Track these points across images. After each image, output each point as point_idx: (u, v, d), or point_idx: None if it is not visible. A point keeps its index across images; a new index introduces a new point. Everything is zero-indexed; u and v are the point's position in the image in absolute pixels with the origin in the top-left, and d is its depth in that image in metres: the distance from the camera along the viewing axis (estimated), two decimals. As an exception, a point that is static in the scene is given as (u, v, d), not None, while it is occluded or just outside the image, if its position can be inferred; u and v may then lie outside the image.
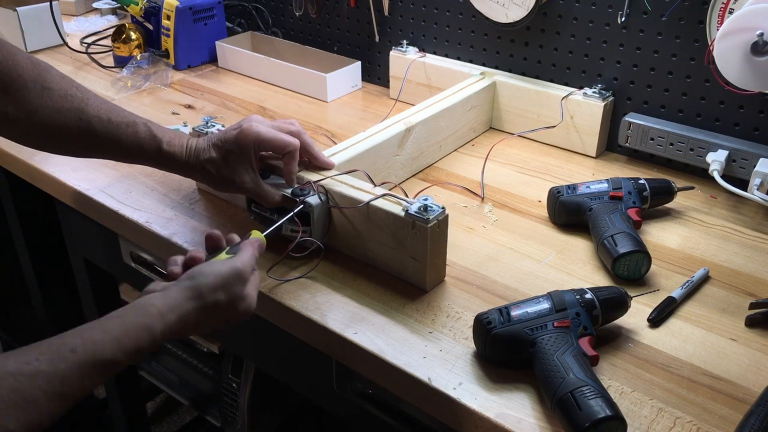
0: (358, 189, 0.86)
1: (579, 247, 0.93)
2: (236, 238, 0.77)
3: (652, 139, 1.09)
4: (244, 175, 0.86)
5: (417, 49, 1.34)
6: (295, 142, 0.87)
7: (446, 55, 1.33)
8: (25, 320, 1.86)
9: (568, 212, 0.95)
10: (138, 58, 1.45)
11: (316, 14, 1.48)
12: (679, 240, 0.94)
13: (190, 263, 0.72)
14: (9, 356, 0.56)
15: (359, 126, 1.24)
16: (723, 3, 0.97)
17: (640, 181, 0.96)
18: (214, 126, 0.99)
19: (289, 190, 0.87)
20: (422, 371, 0.72)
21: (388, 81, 1.38)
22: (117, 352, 0.61)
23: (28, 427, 0.54)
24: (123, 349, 0.61)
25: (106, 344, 0.60)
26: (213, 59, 1.55)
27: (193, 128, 1.00)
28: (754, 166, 0.98)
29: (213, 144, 0.87)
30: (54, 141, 0.87)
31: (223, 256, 0.73)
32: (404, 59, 1.32)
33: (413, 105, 1.13)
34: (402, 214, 0.81)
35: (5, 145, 1.15)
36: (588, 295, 0.74)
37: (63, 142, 0.87)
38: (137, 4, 1.49)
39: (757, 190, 0.97)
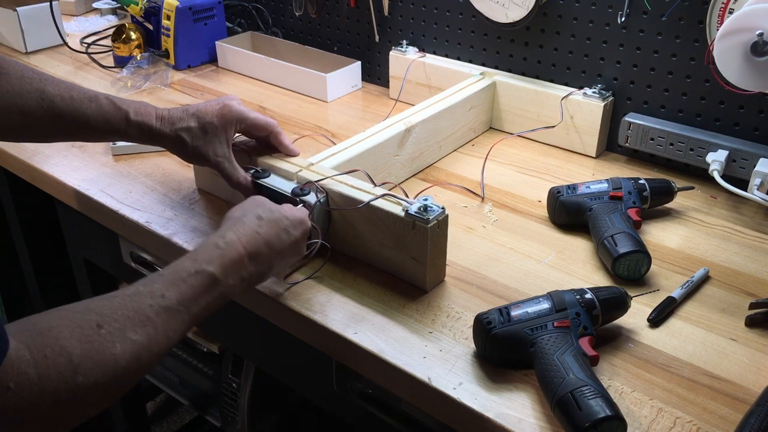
0: (358, 189, 0.86)
1: (579, 247, 0.93)
2: None
3: (652, 139, 1.09)
4: (218, 148, 0.89)
5: (417, 49, 1.34)
6: (275, 122, 0.93)
7: (446, 55, 1.33)
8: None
9: (568, 212, 0.95)
10: (138, 58, 1.45)
11: (316, 14, 1.48)
12: (679, 240, 0.94)
13: None
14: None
15: (359, 126, 1.24)
16: (723, 3, 0.97)
17: (640, 181, 0.96)
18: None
19: (290, 190, 0.87)
20: (422, 371, 0.72)
21: (388, 81, 1.38)
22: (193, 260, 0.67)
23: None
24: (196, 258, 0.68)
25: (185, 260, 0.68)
26: (213, 59, 1.55)
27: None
28: (754, 166, 0.98)
29: (192, 114, 0.89)
30: (19, 126, 0.85)
31: None
32: (404, 59, 1.32)
33: (413, 105, 1.13)
34: (402, 214, 0.81)
35: (5, 145, 1.15)
36: (588, 295, 0.74)
37: (28, 126, 0.86)
38: (137, 4, 1.49)
39: (757, 190, 0.97)
